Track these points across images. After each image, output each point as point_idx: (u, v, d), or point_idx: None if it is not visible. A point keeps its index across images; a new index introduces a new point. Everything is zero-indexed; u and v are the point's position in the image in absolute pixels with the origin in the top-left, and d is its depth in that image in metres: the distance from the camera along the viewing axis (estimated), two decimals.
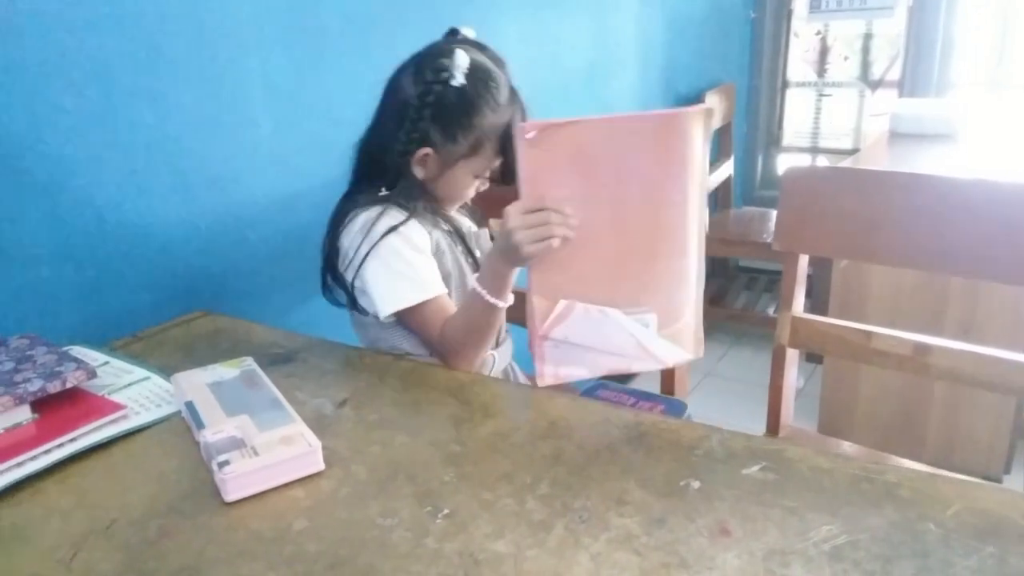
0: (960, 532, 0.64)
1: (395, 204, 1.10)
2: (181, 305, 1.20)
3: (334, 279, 1.14)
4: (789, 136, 3.44)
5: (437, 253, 1.13)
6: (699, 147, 0.88)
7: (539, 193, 0.88)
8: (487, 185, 1.18)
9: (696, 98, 2.81)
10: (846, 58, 3.22)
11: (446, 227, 1.15)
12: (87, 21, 1.07)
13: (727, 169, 3.11)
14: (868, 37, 3.15)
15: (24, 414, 0.83)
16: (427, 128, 1.09)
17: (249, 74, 1.08)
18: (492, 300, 1.00)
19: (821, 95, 3.30)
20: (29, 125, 1.03)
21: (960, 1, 2.89)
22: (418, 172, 1.12)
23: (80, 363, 0.90)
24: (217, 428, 0.80)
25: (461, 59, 1.06)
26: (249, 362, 0.97)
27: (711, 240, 3.17)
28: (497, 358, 1.20)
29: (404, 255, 1.08)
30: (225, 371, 0.94)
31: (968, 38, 2.93)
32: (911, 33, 2.98)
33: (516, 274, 1.00)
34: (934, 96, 2.94)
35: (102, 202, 1.13)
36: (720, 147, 3.13)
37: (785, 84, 3.38)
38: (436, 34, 1.11)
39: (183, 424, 0.86)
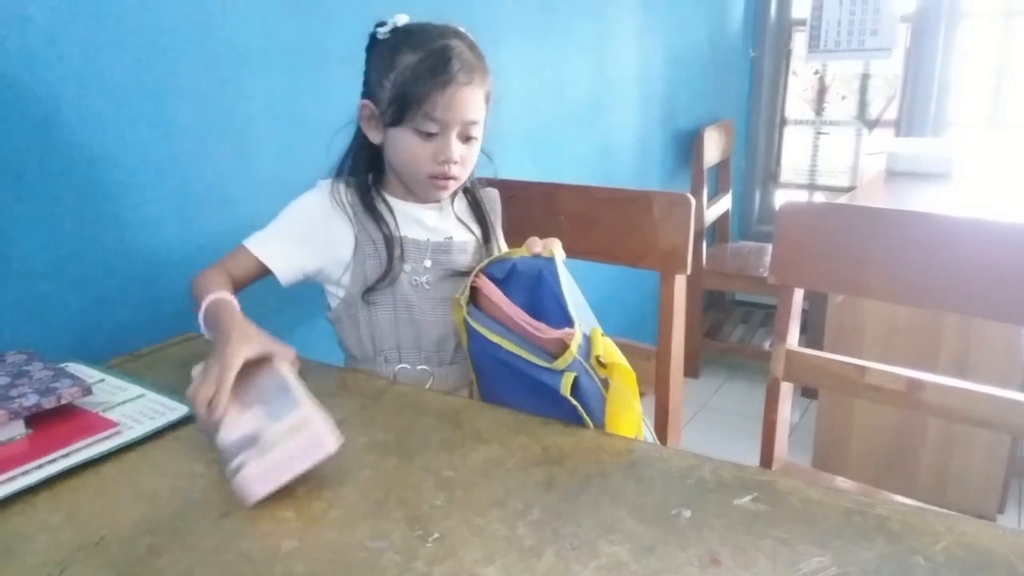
0: (949, 567, 0.64)
1: (335, 178, 1.12)
2: (180, 324, 1.20)
3: None
4: (787, 172, 3.48)
5: (358, 254, 1.10)
6: None
7: None
8: (448, 154, 1.04)
9: (695, 132, 2.84)
10: (844, 97, 3.27)
11: (377, 228, 1.09)
12: (96, 41, 1.09)
13: (725, 204, 3.13)
14: (866, 77, 3.20)
15: (18, 429, 0.83)
16: (366, 79, 1.09)
17: (253, 97, 1.10)
18: (205, 333, 0.99)
19: (819, 133, 3.35)
20: (30, 140, 1.05)
21: (957, 43, 2.94)
22: (372, 135, 1.10)
23: (76, 380, 0.90)
24: (231, 428, 0.80)
25: (399, 17, 1.05)
26: None
27: (709, 273, 3.17)
28: (436, 377, 1.13)
29: (289, 215, 1.11)
30: None
31: (965, 79, 2.98)
32: (908, 73, 3.03)
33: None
34: (931, 135, 2.98)
35: (103, 219, 1.14)
36: (719, 182, 3.16)
37: (783, 121, 3.42)
38: None
39: (175, 443, 0.86)
